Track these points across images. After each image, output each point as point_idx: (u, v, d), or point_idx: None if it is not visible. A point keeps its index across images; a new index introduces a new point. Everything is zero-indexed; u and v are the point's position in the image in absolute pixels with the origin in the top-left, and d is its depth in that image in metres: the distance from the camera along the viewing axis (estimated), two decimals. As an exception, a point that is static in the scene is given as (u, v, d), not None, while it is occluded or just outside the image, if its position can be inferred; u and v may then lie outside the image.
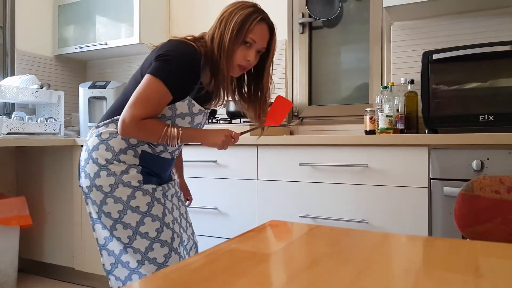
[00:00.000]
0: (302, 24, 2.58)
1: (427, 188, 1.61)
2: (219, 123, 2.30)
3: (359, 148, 1.73)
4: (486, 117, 1.71)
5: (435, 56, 1.82)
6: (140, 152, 1.26)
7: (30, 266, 2.67)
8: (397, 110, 2.05)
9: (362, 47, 2.44)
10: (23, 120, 2.47)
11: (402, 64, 2.22)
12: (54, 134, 2.57)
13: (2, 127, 2.30)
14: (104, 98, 2.64)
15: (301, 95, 2.58)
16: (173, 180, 1.45)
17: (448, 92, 1.83)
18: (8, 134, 2.32)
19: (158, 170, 1.33)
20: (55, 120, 2.60)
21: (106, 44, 2.79)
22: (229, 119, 2.30)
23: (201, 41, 1.25)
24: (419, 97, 2.03)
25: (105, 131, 1.27)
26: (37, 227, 2.57)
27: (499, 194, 1.11)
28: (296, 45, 2.59)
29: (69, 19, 2.98)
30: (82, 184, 1.27)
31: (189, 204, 1.69)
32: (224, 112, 2.39)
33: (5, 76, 2.78)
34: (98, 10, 2.85)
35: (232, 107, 2.30)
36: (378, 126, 1.96)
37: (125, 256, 1.26)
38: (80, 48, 2.90)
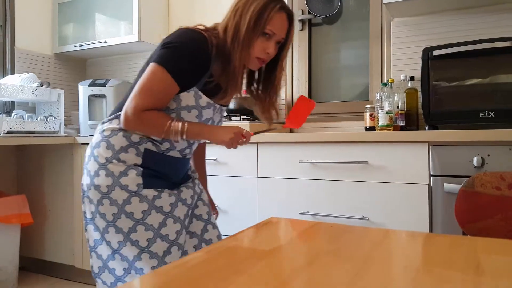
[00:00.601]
0: (302, 21, 2.57)
1: (427, 185, 1.61)
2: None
3: (359, 145, 1.73)
4: (486, 113, 1.70)
5: (435, 53, 1.82)
6: (142, 150, 1.17)
7: (31, 264, 2.67)
8: (397, 107, 2.04)
9: (362, 44, 2.43)
10: (23, 119, 2.47)
11: (402, 60, 2.21)
12: (54, 132, 2.57)
13: (2, 125, 2.30)
14: (104, 96, 2.64)
15: (300, 92, 2.57)
16: (191, 179, 1.35)
17: (449, 89, 1.83)
18: (8, 132, 2.32)
19: (166, 171, 1.22)
20: (55, 118, 2.60)
21: (106, 42, 2.78)
22: (228, 116, 2.28)
23: (213, 31, 1.17)
24: (419, 93, 2.03)
25: (107, 127, 1.20)
26: (38, 225, 2.57)
27: (500, 191, 1.11)
28: (296, 42, 2.58)
29: (69, 17, 2.98)
30: (83, 181, 1.21)
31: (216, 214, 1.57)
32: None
33: (5, 74, 2.78)
34: (98, 8, 2.84)
35: (232, 104, 2.29)
36: (378, 123, 1.96)
37: (112, 263, 1.19)
38: (80, 46, 2.89)
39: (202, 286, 0.55)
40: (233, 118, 2.26)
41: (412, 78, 2.09)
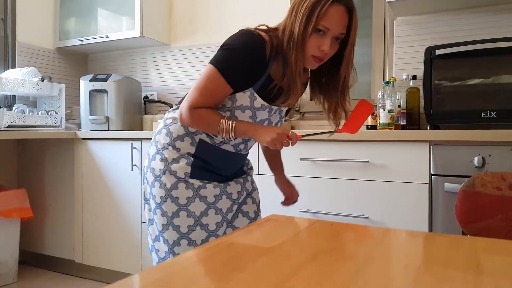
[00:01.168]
0: (305, 19, 2.56)
1: (428, 184, 1.61)
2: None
3: (360, 143, 1.73)
4: (488, 113, 1.70)
5: (438, 52, 1.81)
6: (197, 140, 1.22)
7: (31, 258, 2.67)
8: (399, 106, 2.04)
9: (364, 42, 2.43)
10: (24, 113, 2.47)
11: (405, 59, 2.20)
12: (55, 127, 2.57)
13: (3, 119, 2.30)
14: (105, 91, 2.64)
15: (302, 90, 2.57)
16: (244, 175, 1.37)
17: (450, 88, 1.82)
18: (9, 126, 2.32)
19: (217, 164, 1.26)
20: (56, 113, 2.60)
21: (108, 37, 2.77)
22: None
23: (275, 32, 1.15)
24: (421, 92, 2.03)
25: (171, 116, 1.26)
26: (38, 220, 2.57)
27: (501, 191, 1.10)
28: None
29: (71, 12, 2.97)
30: (144, 163, 1.29)
31: (288, 203, 1.55)
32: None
33: (6, 68, 2.78)
34: (100, 3, 2.83)
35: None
36: (379, 122, 1.95)
37: (157, 244, 1.26)
38: (81, 40, 2.89)
39: (202, 282, 0.55)
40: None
41: (414, 77, 2.09)
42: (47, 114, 2.55)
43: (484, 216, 1.11)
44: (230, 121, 1.14)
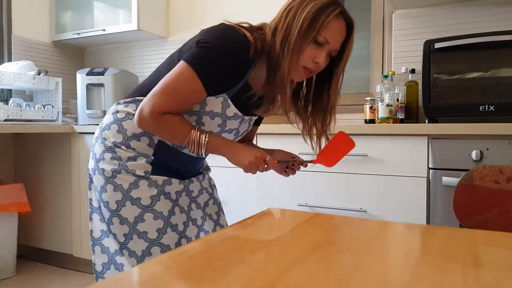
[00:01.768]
0: (303, 12, 2.54)
1: (426, 178, 1.61)
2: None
3: (358, 137, 1.72)
4: (486, 107, 1.70)
5: (437, 45, 1.81)
6: (156, 141, 1.07)
7: (29, 253, 2.67)
8: (398, 100, 2.04)
9: (363, 35, 2.41)
10: (20, 107, 2.45)
11: (403, 53, 2.20)
12: (52, 121, 2.56)
13: (-1, 113, 2.29)
14: (102, 85, 2.62)
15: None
16: (201, 174, 1.25)
17: (449, 82, 1.82)
18: (5, 120, 2.31)
19: (177, 167, 1.13)
20: (52, 107, 2.58)
21: (104, 30, 2.75)
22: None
23: (258, 32, 1.02)
24: (419, 86, 2.02)
25: (122, 110, 1.08)
26: (36, 214, 2.57)
27: (498, 184, 1.10)
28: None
29: (67, 5, 2.94)
30: (89, 166, 1.12)
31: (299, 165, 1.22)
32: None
33: (2, 62, 2.75)
34: (96, -4, 2.81)
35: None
36: (378, 116, 1.95)
37: (120, 258, 1.06)
38: (78, 34, 2.86)
39: (200, 275, 0.55)
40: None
41: (413, 71, 2.08)
42: (44, 108, 2.54)
43: (482, 209, 1.11)
44: (203, 135, 1.01)
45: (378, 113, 1.95)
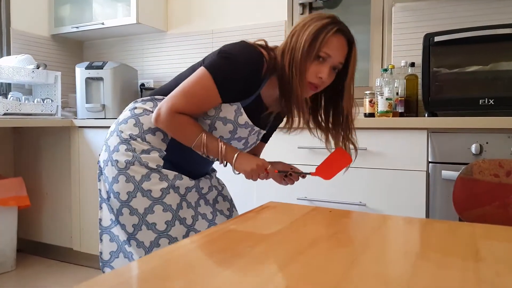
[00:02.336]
0: (302, 5, 2.53)
1: (425, 172, 1.61)
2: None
3: (358, 131, 1.70)
4: (486, 100, 1.69)
5: (437, 39, 1.80)
6: (170, 138, 1.12)
7: (29, 247, 2.68)
8: (397, 93, 2.03)
9: (363, 29, 2.40)
10: (19, 101, 2.44)
11: (403, 46, 2.19)
12: (51, 115, 2.55)
13: (-2, 107, 2.28)
14: (101, 79, 2.61)
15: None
16: (209, 174, 1.30)
17: (449, 75, 1.81)
18: (4, 114, 2.30)
19: (186, 165, 1.17)
20: (52, 101, 2.57)
21: (103, 24, 2.74)
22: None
23: (272, 52, 1.11)
24: (419, 80, 2.02)
25: (140, 106, 1.15)
26: (35, 208, 2.57)
27: (498, 178, 1.11)
28: (296, 27, 2.55)
29: (65, -2, 2.93)
30: (100, 158, 1.16)
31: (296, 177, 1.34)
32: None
33: (0, 56, 2.74)
34: (95, -11, 2.79)
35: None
36: (377, 109, 1.95)
37: (129, 248, 1.11)
38: (77, 27, 2.85)
39: (200, 269, 0.55)
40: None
41: (412, 65, 2.08)
42: (43, 102, 2.53)
43: (481, 203, 1.12)
44: (211, 139, 1.09)
45: (377, 106, 1.95)
